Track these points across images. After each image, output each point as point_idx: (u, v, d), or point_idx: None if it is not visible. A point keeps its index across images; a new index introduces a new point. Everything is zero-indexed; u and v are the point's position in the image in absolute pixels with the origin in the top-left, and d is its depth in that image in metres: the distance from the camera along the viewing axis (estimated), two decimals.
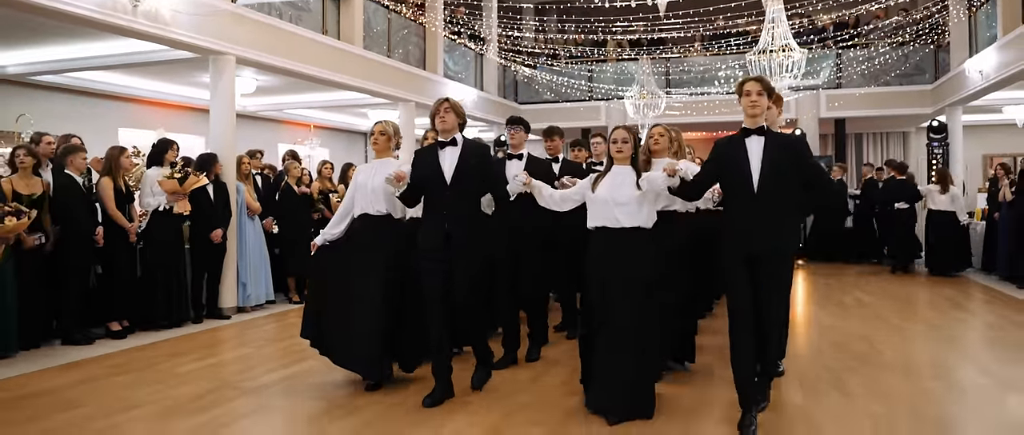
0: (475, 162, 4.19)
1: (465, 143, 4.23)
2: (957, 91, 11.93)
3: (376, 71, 10.53)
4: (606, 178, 3.90)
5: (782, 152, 3.58)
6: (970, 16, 11.77)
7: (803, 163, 3.63)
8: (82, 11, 5.94)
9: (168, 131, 10.90)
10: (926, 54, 13.76)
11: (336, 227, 4.54)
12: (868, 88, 13.90)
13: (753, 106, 3.63)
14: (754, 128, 3.64)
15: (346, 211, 4.54)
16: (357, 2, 10.12)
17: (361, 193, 4.43)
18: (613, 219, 3.80)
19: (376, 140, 4.50)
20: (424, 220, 4.26)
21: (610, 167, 3.94)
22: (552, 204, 4.11)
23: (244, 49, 7.71)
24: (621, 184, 3.82)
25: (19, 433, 3.78)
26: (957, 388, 4.53)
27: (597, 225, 3.87)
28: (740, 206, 3.62)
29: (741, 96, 3.70)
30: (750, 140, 3.64)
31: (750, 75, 3.92)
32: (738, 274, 3.56)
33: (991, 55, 10.22)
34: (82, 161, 6.18)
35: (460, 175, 4.15)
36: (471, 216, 4.22)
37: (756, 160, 3.58)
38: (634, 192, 3.79)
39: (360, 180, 4.47)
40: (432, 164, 4.18)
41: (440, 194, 4.15)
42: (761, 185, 3.55)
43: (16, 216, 5.48)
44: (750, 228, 3.53)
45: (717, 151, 3.76)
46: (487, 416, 3.97)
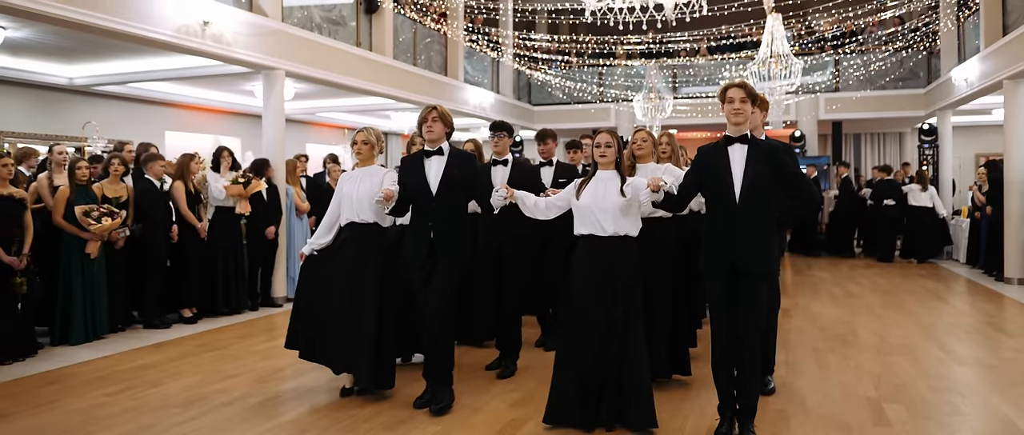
0: (460, 172, 4.10)
1: (451, 152, 4.14)
2: (946, 96, 12.70)
3: (403, 79, 11.38)
4: (590, 184, 3.79)
5: (765, 160, 3.52)
6: (959, 26, 12.52)
7: (786, 172, 3.58)
8: (162, 36, 6.80)
9: (208, 134, 11.80)
10: (919, 60, 14.51)
11: (324, 237, 4.48)
12: (865, 92, 14.67)
13: (736, 113, 3.54)
14: (737, 136, 3.57)
15: (333, 220, 4.48)
16: (388, 16, 10.96)
17: (347, 202, 4.36)
18: (598, 226, 3.71)
19: (359, 150, 4.41)
20: (410, 229, 4.23)
21: (594, 172, 3.83)
22: (537, 213, 3.95)
23: (291, 63, 8.56)
24: (605, 190, 3.72)
25: (148, 394, 4.64)
26: (917, 362, 5.36)
27: (582, 232, 3.77)
28: (721, 215, 3.56)
29: (723, 103, 3.61)
30: (733, 148, 3.57)
31: (734, 80, 3.87)
32: (717, 285, 3.55)
33: (975, 64, 11.00)
34: (160, 167, 7.04)
35: (446, 186, 4.08)
36: (456, 227, 4.14)
37: (739, 169, 3.53)
38: (618, 198, 3.68)
39: (346, 189, 4.40)
40: (417, 174, 4.12)
41: (426, 204, 4.11)
42: (743, 195, 3.50)
43: (111, 217, 6.34)
44: (731, 238, 3.50)
45: (699, 159, 3.71)
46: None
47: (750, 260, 3.49)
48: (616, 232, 3.71)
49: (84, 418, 4.15)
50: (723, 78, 15.83)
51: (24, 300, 5.65)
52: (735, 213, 3.52)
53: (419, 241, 4.13)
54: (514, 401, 4.43)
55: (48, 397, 4.58)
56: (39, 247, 6.03)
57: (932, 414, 4.15)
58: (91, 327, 6.27)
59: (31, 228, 5.72)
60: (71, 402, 4.47)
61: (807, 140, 15.12)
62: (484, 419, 4.08)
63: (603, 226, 3.71)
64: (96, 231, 6.22)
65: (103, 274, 6.45)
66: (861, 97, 14.62)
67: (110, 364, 5.49)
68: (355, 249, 4.33)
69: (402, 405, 4.34)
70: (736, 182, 3.53)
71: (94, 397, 4.58)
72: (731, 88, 3.60)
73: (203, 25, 7.11)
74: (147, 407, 4.37)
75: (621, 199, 3.69)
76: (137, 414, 4.24)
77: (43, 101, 9.52)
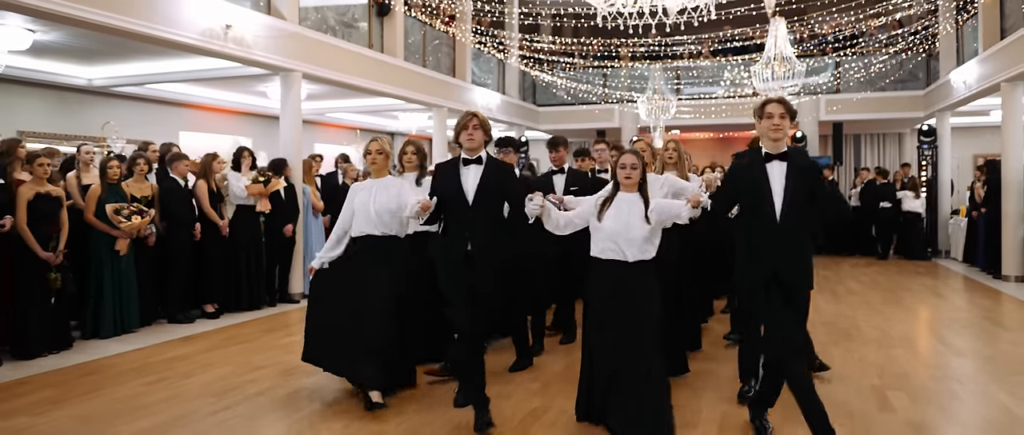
0: (497, 181, 3.98)
1: (488, 161, 4.01)
2: (945, 98, 12.94)
3: (414, 80, 11.60)
4: (613, 207, 3.66)
5: (803, 179, 3.50)
6: (957, 29, 12.76)
7: (821, 190, 3.58)
8: (187, 39, 7.02)
9: (221, 134, 12.02)
10: (919, 62, 14.75)
11: (335, 249, 4.39)
12: (865, 93, 14.90)
13: (776, 130, 3.50)
14: (776, 153, 3.53)
15: (343, 231, 4.39)
16: (399, 18, 11.18)
17: (363, 214, 4.27)
18: (619, 253, 3.61)
19: (374, 159, 4.30)
20: (445, 234, 4.06)
21: (615, 192, 3.71)
22: (557, 228, 3.82)
23: (308, 65, 8.78)
24: (629, 216, 3.61)
25: (183, 385, 4.86)
26: (918, 354, 5.59)
27: (602, 257, 3.65)
28: (762, 233, 3.52)
29: (762, 118, 3.56)
30: (772, 166, 3.53)
31: (770, 95, 3.85)
32: (761, 297, 3.53)
33: (973, 67, 11.24)
34: (185, 167, 7.26)
35: (483, 195, 3.94)
36: (494, 236, 3.99)
37: (779, 187, 3.49)
38: (644, 226, 3.59)
39: (359, 201, 4.30)
40: (454, 182, 3.96)
41: (462, 213, 3.95)
42: (784, 214, 3.47)
43: (140, 215, 6.56)
44: (774, 255, 3.47)
45: (736, 175, 3.70)
46: None
47: (793, 274, 3.49)
48: (639, 259, 3.61)
49: (127, 406, 4.37)
50: (726, 80, 16.09)
51: (58, 295, 5.87)
52: (775, 230, 3.48)
53: (455, 251, 3.92)
54: (535, 390, 4.66)
55: (91, 386, 4.80)
56: (71, 244, 6.24)
57: (933, 400, 4.38)
58: (120, 322, 6.49)
59: (66, 225, 5.94)
60: (112, 391, 4.69)
61: (808, 141, 15.35)
62: (510, 406, 4.30)
63: (626, 254, 3.59)
64: (126, 229, 6.44)
65: (131, 271, 6.66)
66: (861, 99, 14.86)
67: (142, 356, 5.71)
68: (369, 261, 4.25)
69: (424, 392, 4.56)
70: (776, 201, 3.49)
71: (133, 387, 4.80)
72: (770, 104, 3.54)
73: (226, 28, 7.33)
74: (184, 396, 4.59)
75: (647, 227, 3.60)
76: (175, 403, 4.45)
77: (63, 102, 9.74)
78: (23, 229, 5.59)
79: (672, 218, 3.61)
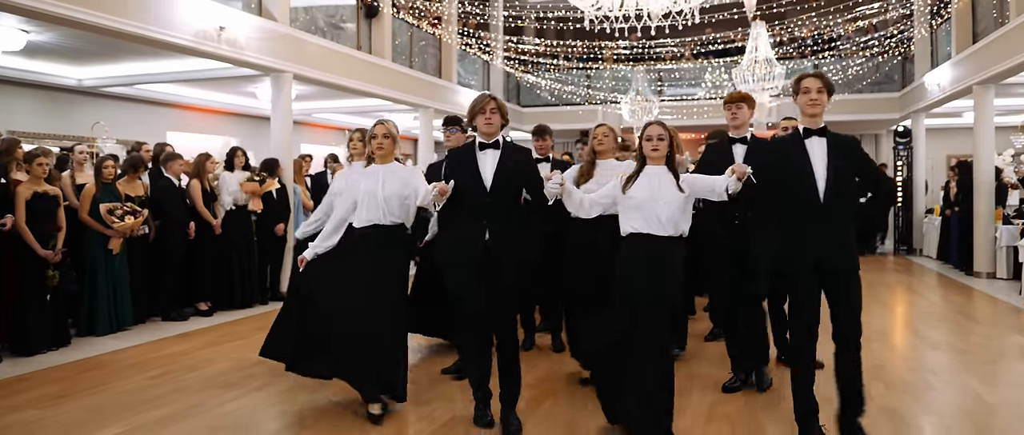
0: (514, 165, 3.80)
1: (505, 145, 3.83)
2: (920, 100, 13.31)
3: (401, 81, 11.73)
4: (640, 179, 3.48)
5: (845, 154, 3.38)
6: (932, 33, 13.13)
7: (865, 166, 3.47)
8: (182, 41, 7.12)
9: (208, 134, 12.06)
10: (894, 65, 15.13)
11: (330, 238, 4.06)
12: (842, 95, 15.23)
13: (813, 104, 3.37)
14: (815, 129, 3.40)
15: (341, 220, 4.07)
16: (387, 20, 11.31)
17: (369, 201, 3.94)
18: (655, 222, 3.41)
19: (381, 144, 3.99)
20: (456, 228, 3.81)
21: (642, 167, 3.52)
22: (581, 210, 3.65)
23: (299, 66, 8.89)
24: (660, 185, 3.43)
25: (188, 378, 4.97)
26: (893, 347, 5.83)
27: (634, 230, 3.45)
28: (803, 215, 3.36)
29: (797, 94, 3.44)
30: (811, 142, 3.38)
31: (808, 72, 3.59)
32: (799, 283, 3.38)
33: (947, 70, 11.59)
34: (180, 167, 7.34)
35: (501, 180, 3.75)
36: (513, 224, 3.80)
37: (821, 164, 3.34)
38: (677, 196, 3.41)
39: (365, 187, 3.98)
40: (470, 168, 3.76)
41: (479, 201, 3.73)
42: (828, 192, 3.32)
43: (133, 215, 6.64)
44: (819, 240, 3.32)
45: (768, 153, 3.58)
46: None
47: (839, 258, 3.34)
48: (674, 231, 3.41)
49: (136, 398, 4.48)
50: (706, 81, 16.37)
51: (55, 292, 5.94)
52: (818, 210, 3.33)
53: (471, 240, 3.71)
54: (528, 382, 4.83)
55: (94, 381, 4.90)
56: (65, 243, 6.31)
57: (908, 389, 4.61)
58: (115, 319, 6.56)
59: (64, 224, 6.01)
60: (117, 385, 4.80)
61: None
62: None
63: (661, 221, 3.39)
64: (119, 229, 6.51)
65: (125, 269, 6.73)
66: (839, 100, 15.18)
67: (142, 352, 5.80)
68: (372, 250, 3.93)
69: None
70: (819, 178, 3.34)
71: (138, 380, 4.90)
72: (807, 78, 3.42)
73: (219, 30, 7.43)
74: (190, 389, 4.71)
75: (680, 196, 3.41)
76: (183, 395, 4.57)
77: (53, 102, 9.76)
78: (22, 228, 5.66)
79: (706, 191, 3.46)
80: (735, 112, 4.45)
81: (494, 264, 3.70)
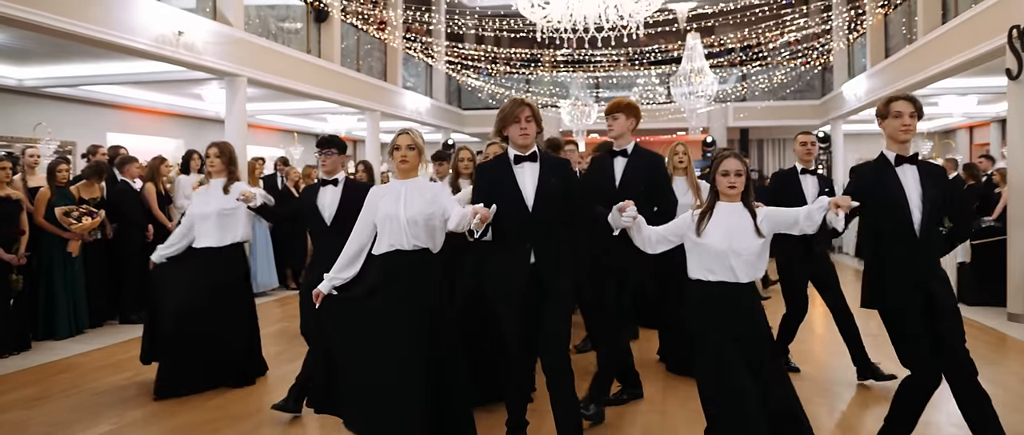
0: (558, 181, 3.43)
1: (544, 158, 3.46)
2: (838, 108, 14.30)
3: (350, 84, 11.88)
4: (715, 218, 3.10)
5: (937, 185, 3.20)
6: (849, 46, 14.13)
7: (957, 195, 3.41)
8: (141, 45, 7.15)
9: (150, 135, 11.93)
10: (815, 75, 16.16)
11: (347, 269, 3.50)
12: (768, 102, 16.19)
13: (906, 130, 3.16)
14: (906, 156, 3.20)
15: (360, 248, 3.51)
16: (335, 24, 11.45)
17: (391, 225, 3.36)
18: (731, 273, 3.06)
19: (405, 156, 3.41)
20: (496, 255, 3.43)
21: (714, 202, 3.14)
22: (647, 245, 3.30)
23: (252, 70, 8.98)
24: (739, 228, 3.07)
25: None
26: (815, 334, 6.45)
27: (708, 278, 3.10)
28: (901, 249, 3.17)
29: (887, 117, 3.22)
30: (903, 170, 3.18)
31: (899, 93, 3.35)
32: (915, 321, 3.17)
33: (862, 81, 12.55)
34: (137, 169, 7.36)
35: (544, 198, 3.37)
36: (560, 248, 3.44)
37: (914, 194, 3.16)
38: (756, 241, 3.07)
39: (385, 209, 3.38)
40: (507, 185, 3.38)
41: (521, 223, 3.35)
42: (923, 225, 3.15)
43: (90, 216, 6.65)
44: (920, 271, 3.16)
45: (860, 180, 3.27)
46: None
47: (943, 290, 3.20)
48: (750, 279, 3.08)
49: (117, 398, 4.60)
50: (639, 85, 17.07)
51: (18, 296, 5.93)
52: (916, 244, 3.16)
53: (516, 266, 3.35)
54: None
55: (70, 383, 4.97)
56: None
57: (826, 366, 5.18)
58: (74, 322, 6.57)
59: (28, 227, 6.01)
60: (94, 386, 4.89)
61: (718, 145, 16.52)
62: None
63: (738, 274, 3.05)
64: (77, 230, 6.52)
65: (82, 272, 6.74)
66: (765, 107, 16.14)
67: (108, 354, 5.87)
68: (399, 282, 3.33)
69: None
70: (915, 210, 3.16)
71: (114, 381, 5.00)
72: (899, 102, 3.21)
73: (178, 34, 7.48)
74: None
75: (759, 241, 3.06)
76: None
77: None
78: None
79: (787, 226, 3.11)
80: (611, 123, 4.14)
81: (541, 292, 3.35)
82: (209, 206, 4.75)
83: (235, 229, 4.81)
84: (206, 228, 4.75)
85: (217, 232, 4.75)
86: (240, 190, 4.55)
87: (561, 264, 3.42)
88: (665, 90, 16.36)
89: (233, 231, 4.80)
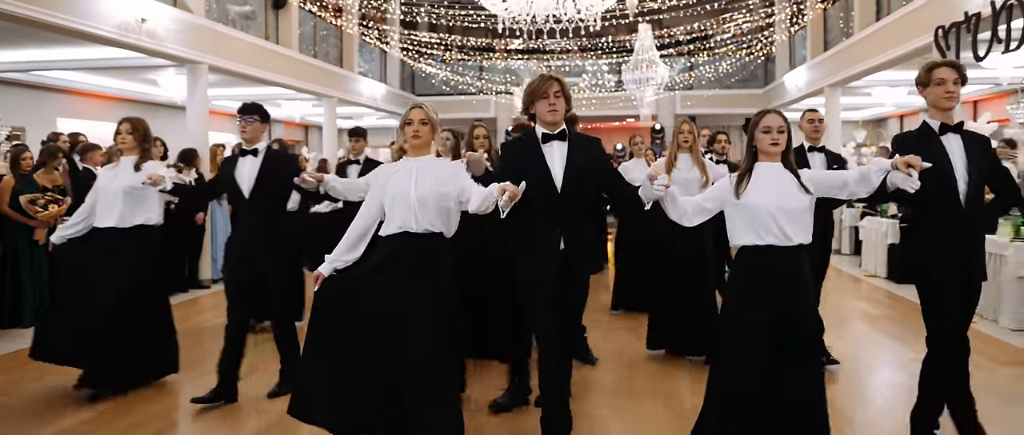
0: (586, 159, 3.26)
1: (572, 136, 3.28)
2: (780, 97, 14.97)
3: (308, 71, 11.93)
4: (756, 179, 2.92)
5: (982, 153, 3.08)
6: (790, 38, 14.79)
7: (998, 165, 3.18)
8: (104, 32, 7.14)
9: (100, 121, 11.74)
10: (759, 65, 16.84)
11: (351, 251, 3.24)
12: (714, 91, 16.80)
13: (950, 97, 3.03)
14: (951, 124, 3.08)
15: (365, 229, 3.27)
16: (293, 11, 11.47)
17: (401, 204, 3.13)
18: (780, 233, 2.85)
19: (417, 131, 3.17)
20: (524, 238, 3.24)
21: (751, 165, 2.95)
22: (684, 218, 3.08)
23: (214, 57, 8.99)
24: (783, 187, 2.88)
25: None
26: None
27: (756, 243, 2.89)
28: (946, 220, 3.04)
29: (929, 84, 3.09)
30: (948, 138, 3.06)
31: (941, 60, 3.24)
32: (953, 296, 3.05)
33: (803, 72, 13.19)
34: (100, 156, 7.36)
35: (572, 177, 3.21)
36: (588, 229, 3.29)
37: (960, 164, 3.03)
38: (804, 196, 2.88)
39: (396, 188, 3.16)
40: (535, 164, 3.20)
41: (550, 204, 3.18)
42: (969, 196, 3.02)
43: (56, 204, 6.65)
44: (963, 245, 3.04)
45: (904, 150, 2.94)
46: None
47: (979, 264, 3.11)
48: (802, 241, 2.88)
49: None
50: (588, 72, 17.48)
51: None
52: (962, 217, 3.03)
53: (546, 251, 3.18)
54: None
55: (47, 369, 4.92)
56: None
57: None
58: (40, 310, 6.58)
59: None
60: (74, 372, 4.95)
61: (666, 132, 17.06)
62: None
63: (787, 233, 2.85)
64: (43, 218, 6.53)
65: (47, 259, 6.74)
66: (711, 95, 16.76)
67: None
68: (407, 267, 3.10)
69: None
70: (960, 180, 3.04)
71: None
72: (942, 68, 3.08)
73: (140, 22, 7.48)
74: None
75: (806, 198, 2.88)
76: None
77: None
78: None
79: (836, 188, 2.95)
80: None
81: (570, 279, 3.20)
82: (115, 183, 4.36)
83: (143, 211, 4.40)
84: (109, 207, 4.35)
85: (121, 212, 4.33)
86: (149, 172, 4.18)
87: (591, 249, 3.27)
88: (615, 78, 16.83)
89: (141, 213, 4.39)
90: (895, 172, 2.81)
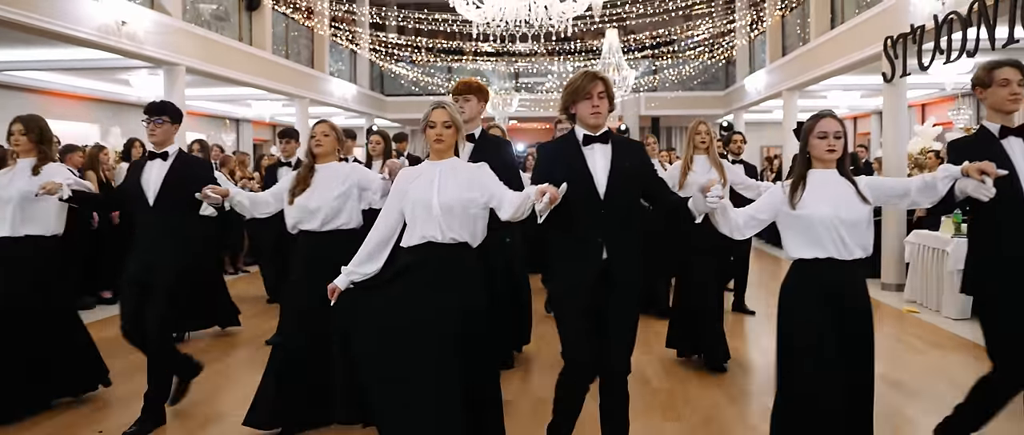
0: (631, 165, 3.02)
1: (615, 139, 3.04)
2: (740, 99, 15.52)
3: (281, 72, 12.05)
4: (811, 187, 2.76)
5: None
6: (750, 43, 15.33)
7: None
8: (84, 34, 7.23)
9: (70, 121, 11.72)
10: (720, 68, 17.39)
11: (370, 263, 3.03)
12: (677, 92, 17.31)
13: (1015, 100, 2.90)
14: (1012, 127, 2.94)
15: (383, 239, 3.06)
16: (267, 13, 11.58)
17: (421, 211, 2.97)
18: (840, 246, 2.72)
19: (441, 135, 2.99)
20: (563, 246, 3.01)
21: (804, 172, 2.81)
22: (735, 231, 2.93)
23: (191, 59, 9.10)
24: (842, 195, 2.74)
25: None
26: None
27: (816, 255, 2.74)
28: (1010, 221, 2.89)
29: (991, 85, 2.95)
30: (1009, 143, 2.93)
31: (1002, 59, 3.02)
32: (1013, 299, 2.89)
33: (762, 76, 13.72)
34: (79, 158, 7.44)
35: (616, 183, 2.96)
36: (635, 240, 3.02)
37: (1023, 166, 2.89)
38: (862, 208, 2.74)
39: (416, 194, 2.99)
40: (577, 167, 2.96)
41: (591, 211, 2.94)
42: None
43: None
44: None
45: (961, 157, 2.83)
46: None
47: None
48: (862, 253, 2.76)
49: None
50: (555, 73, 17.84)
51: None
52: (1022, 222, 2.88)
53: (585, 263, 2.95)
54: None
55: None
56: None
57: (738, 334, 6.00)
58: None
59: None
60: None
61: (631, 132, 17.53)
62: None
63: (847, 245, 2.72)
64: None
65: None
66: (674, 97, 17.26)
67: None
68: (429, 278, 2.93)
69: None
70: None
71: None
72: (1005, 68, 2.92)
73: (120, 24, 7.58)
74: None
75: (865, 208, 2.75)
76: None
77: None
78: None
79: (897, 195, 2.83)
80: (462, 105, 3.90)
81: (612, 290, 2.95)
82: (8, 190, 3.90)
83: (40, 220, 3.98)
84: (1, 214, 3.91)
85: (13, 220, 3.91)
86: (47, 179, 3.77)
87: (634, 260, 3.00)
88: None
89: (37, 222, 3.97)
90: (965, 179, 2.68)
